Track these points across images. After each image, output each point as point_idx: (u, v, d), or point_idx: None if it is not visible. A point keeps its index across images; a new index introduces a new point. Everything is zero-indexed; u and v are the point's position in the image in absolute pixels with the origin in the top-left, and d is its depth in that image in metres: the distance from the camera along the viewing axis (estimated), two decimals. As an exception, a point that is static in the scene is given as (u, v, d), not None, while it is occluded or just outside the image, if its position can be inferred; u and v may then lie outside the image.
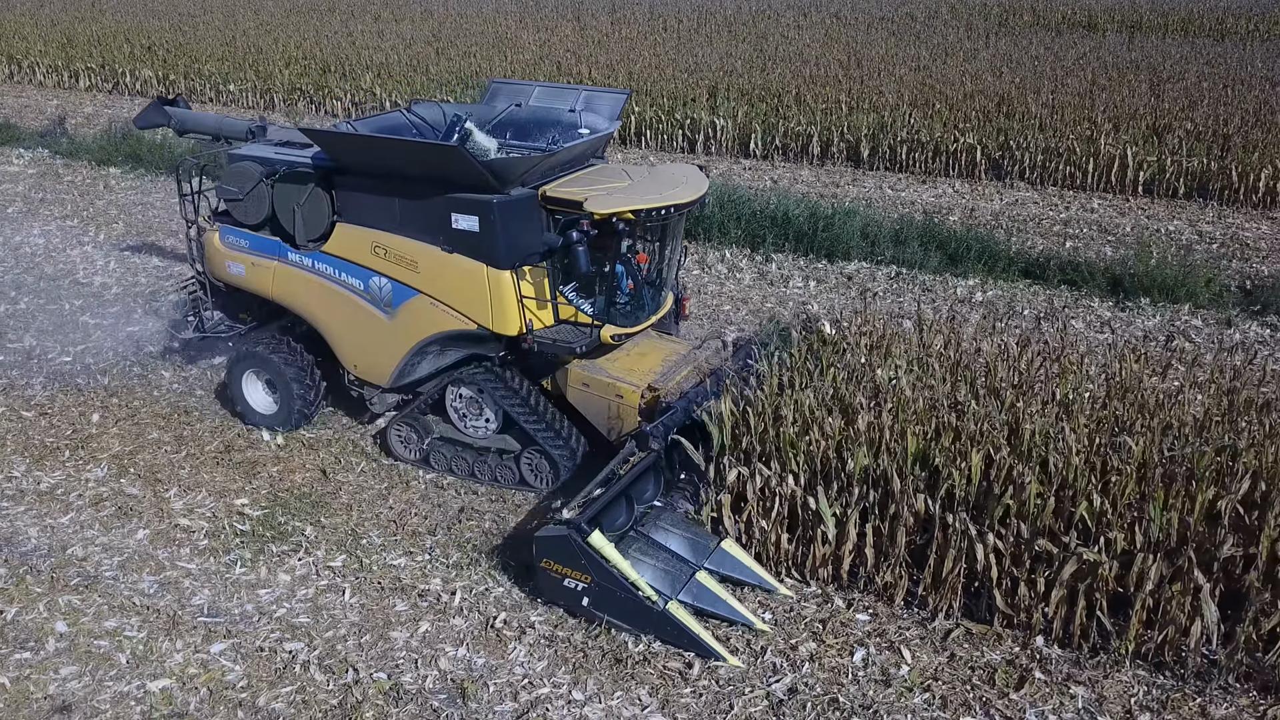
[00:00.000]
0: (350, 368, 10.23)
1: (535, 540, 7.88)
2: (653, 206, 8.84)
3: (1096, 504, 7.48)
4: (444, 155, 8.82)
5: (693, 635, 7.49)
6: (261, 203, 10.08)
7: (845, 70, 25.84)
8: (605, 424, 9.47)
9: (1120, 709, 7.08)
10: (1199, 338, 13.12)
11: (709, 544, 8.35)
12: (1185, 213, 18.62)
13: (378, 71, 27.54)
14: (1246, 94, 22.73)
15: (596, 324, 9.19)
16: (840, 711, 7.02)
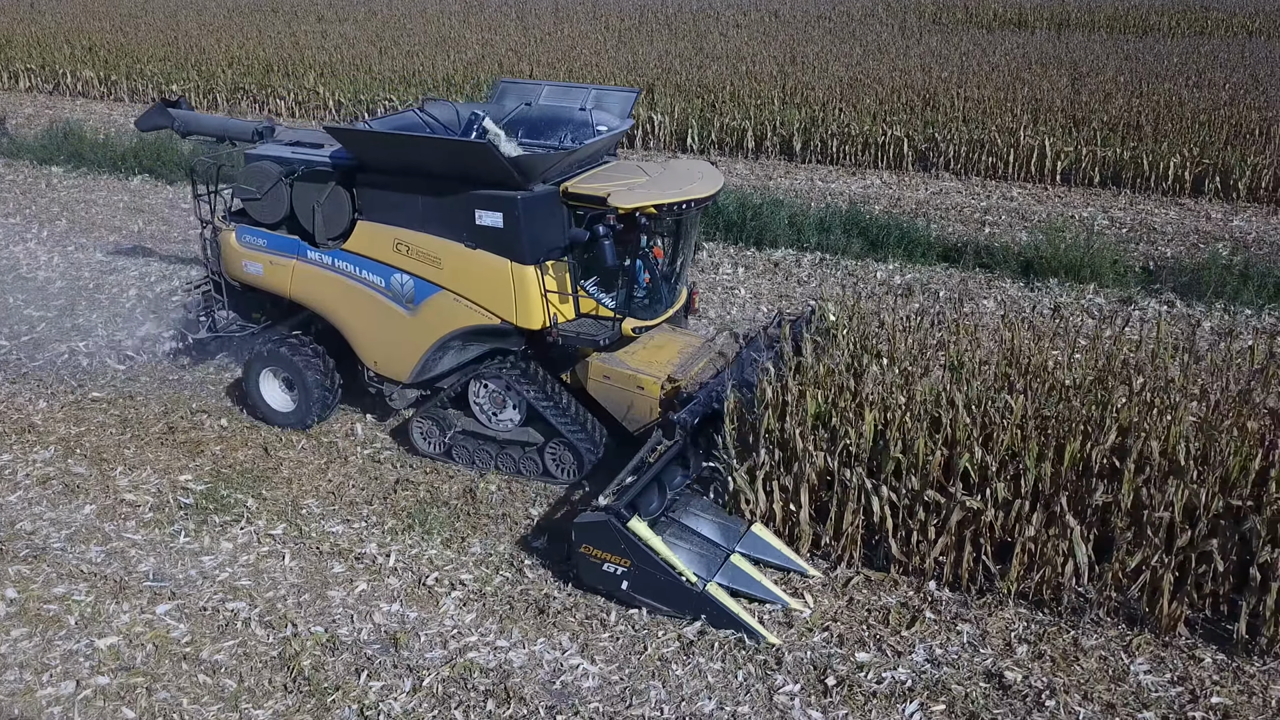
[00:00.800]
0: (370, 364, 10.32)
1: (574, 526, 8.06)
2: (674, 201, 9.06)
3: (979, 457, 8.16)
4: (473, 152, 9.04)
5: (732, 615, 7.73)
6: (280, 202, 10.16)
7: (780, 67, 26.54)
8: (626, 415, 9.68)
9: (1001, 642, 7.76)
10: (1099, 314, 13.92)
11: (739, 528, 8.61)
12: (1099, 200, 19.51)
13: (320, 71, 27.79)
14: (1160, 87, 23.73)
15: (618, 317, 9.42)
16: (745, 651, 7.62)
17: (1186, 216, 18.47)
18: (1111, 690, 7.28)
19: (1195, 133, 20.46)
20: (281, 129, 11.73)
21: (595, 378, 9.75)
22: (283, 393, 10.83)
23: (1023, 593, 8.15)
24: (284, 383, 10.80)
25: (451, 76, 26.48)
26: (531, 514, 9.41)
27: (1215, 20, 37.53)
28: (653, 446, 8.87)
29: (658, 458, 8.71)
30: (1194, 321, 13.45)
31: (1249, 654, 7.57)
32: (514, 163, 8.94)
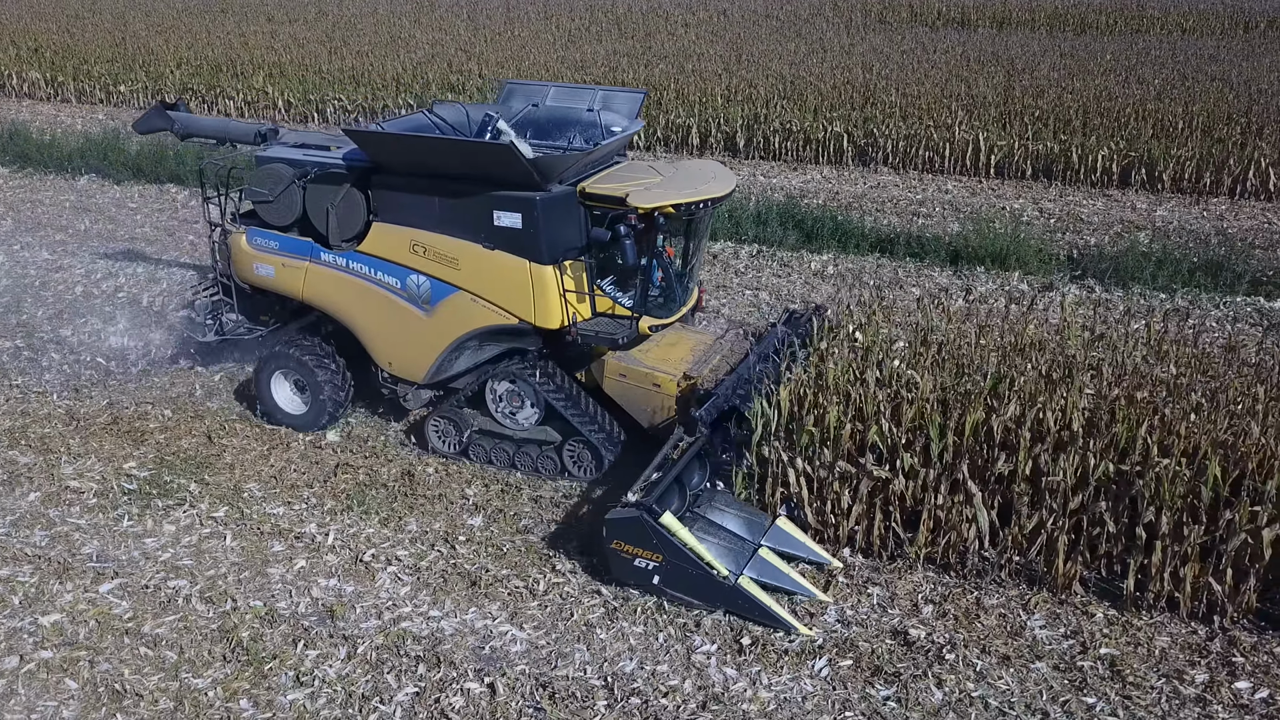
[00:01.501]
0: (384, 365, 10.37)
1: (606, 523, 8.13)
2: (691, 200, 9.20)
3: (889, 431, 8.62)
4: (494, 154, 9.11)
5: (764, 607, 7.85)
6: (293, 204, 10.19)
7: (725, 65, 27.01)
8: (643, 413, 9.78)
9: (908, 602, 8.22)
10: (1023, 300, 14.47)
11: (764, 522, 8.74)
12: (1031, 192, 20.16)
13: (269, 71, 27.89)
14: (1091, 83, 24.46)
15: (634, 316, 9.55)
16: (665, 615, 8.03)
17: (1113, 207, 19.14)
18: (1008, 644, 7.76)
19: (1122, 127, 21.18)
20: (285, 131, 11.72)
21: (611, 376, 9.83)
22: (294, 395, 10.81)
23: (930, 557, 8.62)
24: (295, 385, 10.79)
25: (400, 76, 26.72)
26: (467, 494, 9.75)
27: (1150, 18, 38.51)
28: (675, 443, 8.94)
29: (680, 454, 8.79)
30: (1095, 302, 14.00)
31: (1137, 608, 8.08)
32: (534, 164, 8.99)
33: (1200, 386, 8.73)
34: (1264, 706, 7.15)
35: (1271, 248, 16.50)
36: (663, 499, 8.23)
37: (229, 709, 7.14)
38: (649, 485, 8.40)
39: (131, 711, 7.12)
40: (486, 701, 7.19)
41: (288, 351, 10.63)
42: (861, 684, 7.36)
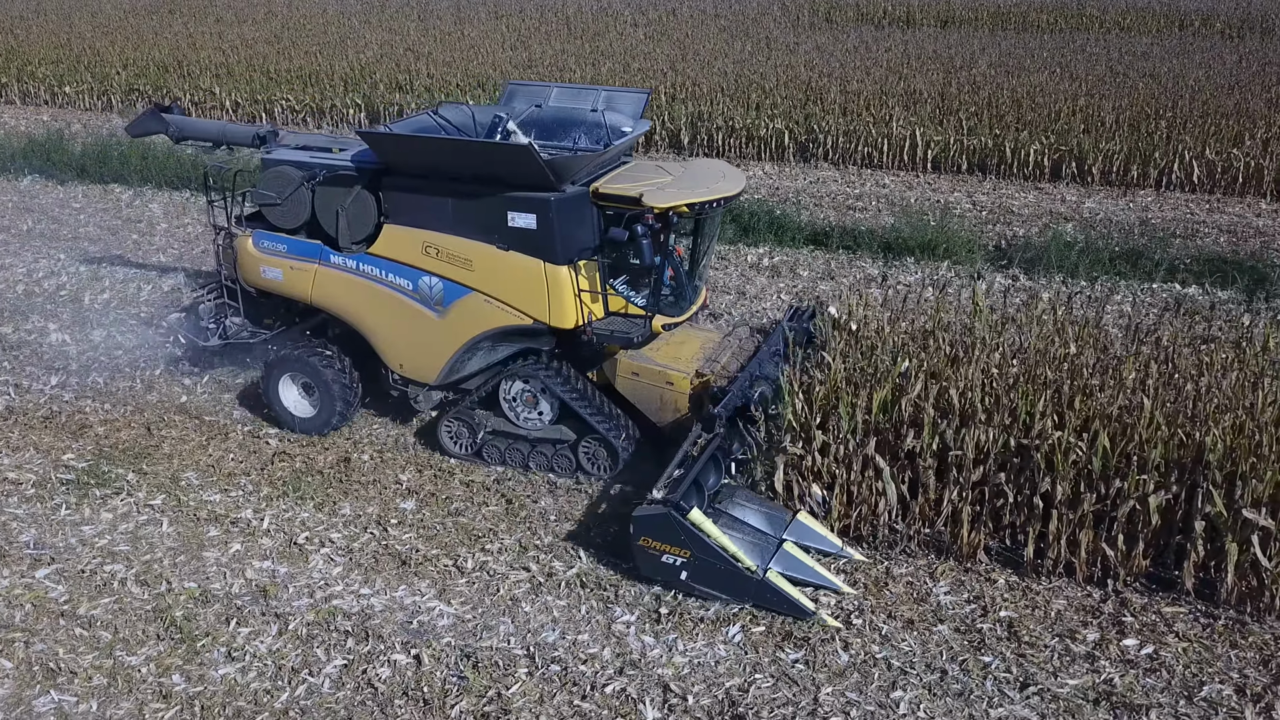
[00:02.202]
0: (395, 367, 10.35)
1: (633, 520, 8.20)
2: (705, 199, 9.29)
3: (801, 409, 9.01)
4: (512, 155, 9.16)
5: (792, 600, 7.98)
6: (301, 206, 10.18)
7: (671, 64, 27.39)
8: (656, 410, 9.89)
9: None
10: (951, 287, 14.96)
11: (784, 517, 8.83)
12: (966, 185, 20.70)
13: (216, 71, 27.91)
14: (1026, 79, 25.08)
15: (648, 314, 9.64)
16: (587, 588, 8.37)
17: (1043, 199, 19.72)
18: (914, 609, 8.17)
19: (1054, 122, 21.79)
20: (284, 133, 11.71)
21: (624, 375, 9.92)
22: (302, 398, 10.77)
23: (844, 530, 9.01)
24: (303, 388, 10.74)
25: (348, 76, 26.84)
26: (401, 479, 10.03)
27: (1090, 17, 39.33)
28: (694, 440, 9.04)
29: (700, 451, 8.89)
30: (1017, 290, 14.51)
31: (1036, 574, 8.53)
32: (549, 164, 9.03)
33: (1097, 365, 9.18)
34: (1148, 661, 7.60)
35: (1191, 237, 17.12)
36: (687, 495, 8.31)
37: (161, 684, 7.38)
38: (673, 482, 8.47)
39: (66, 688, 7.34)
40: (412, 671, 7.49)
41: (297, 354, 10.59)
42: (772, 648, 7.74)
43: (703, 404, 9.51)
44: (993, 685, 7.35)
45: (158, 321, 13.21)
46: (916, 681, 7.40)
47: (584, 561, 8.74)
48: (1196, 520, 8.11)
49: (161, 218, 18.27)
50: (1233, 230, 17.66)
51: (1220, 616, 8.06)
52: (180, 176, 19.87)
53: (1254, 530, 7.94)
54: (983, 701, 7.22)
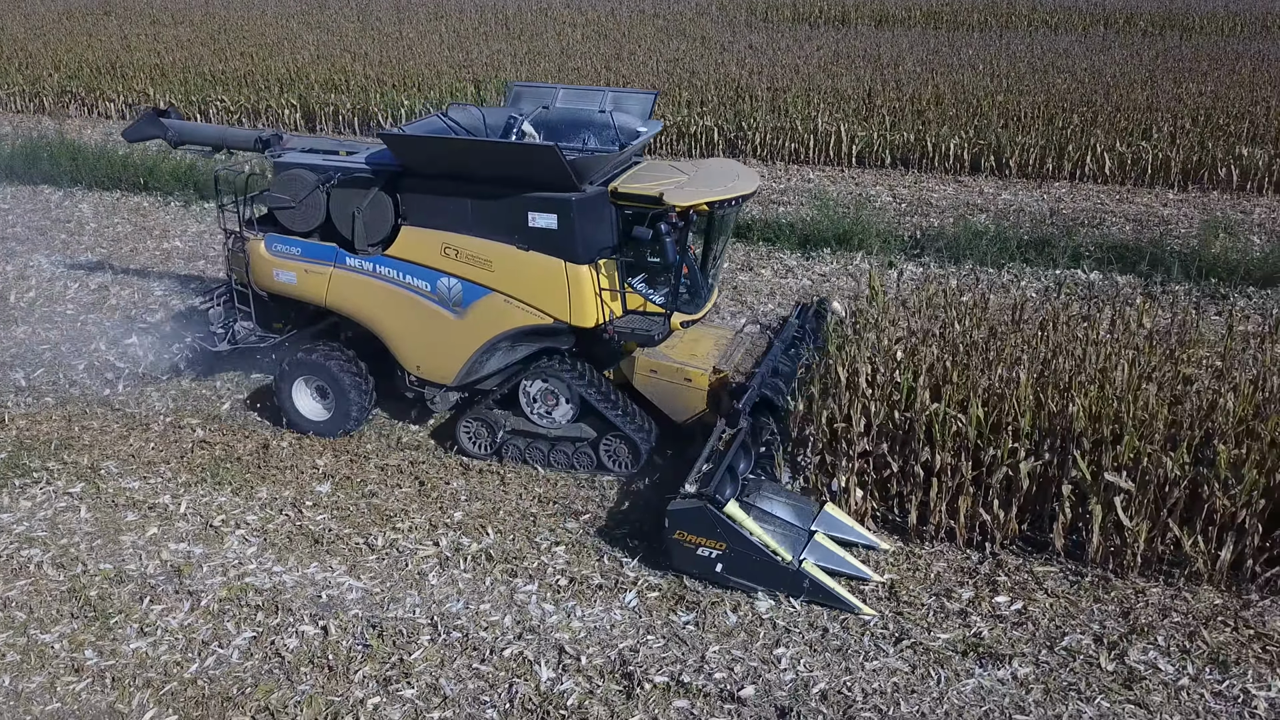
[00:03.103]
0: (412, 369, 10.38)
1: (669, 514, 8.31)
2: (724, 198, 9.41)
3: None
4: (536, 155, 9.21)
5: (828, 589, 8.13)
6: (316, 209, 10.17)
7: (606, 63, 27.79)
8: (675, 407, 10.01)
9: (718, 543, 9.04)
10: (862, 277, 15.51)
11: (812, 509, 9.01)
12: (888, 179, 21.30)
13: (151, 73, 27.87)
14: (950, 77, 25.77)
15: (667, 312, 9.76)
16: (493, 562, 8.75)
17: (962, 192, 20.36)
18: (802, 574, 8.63)
19: (972, 118, 22.48)
20: (289, 136, 11.68)
21: (642, 372, 10.04)
22: (315, 401, 10.79)
23: (742, 503, 9.45)
24: (317, 391, 10.76)
25: (284, 77, 26.93)
26: (318, 464, 10.33)
27: (1019, 15, 40.30)
28: (719, 435, 9.16)
29: (727, 445, 9.00)
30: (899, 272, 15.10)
31: (920, 539, 9.03)
32: (572, 165, 9.11)
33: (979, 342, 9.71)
34: (1017, 615, 8.12)
35: (1098, 225, 17.81)
36: (722, 488, 8.45)
37: (74, 659, 7.66)
38: (704, 476, 8.62)
39: (-21, 665, 7.60)
40: (319, 641, 7.83)
41: (312, 358, 10.59)
42: (665, 611, 8.16)
43: (720, 400, 9.74)
44: (869, 640, 7.83)
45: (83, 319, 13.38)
46: (799, 639, 7.85)
47: (491, 537, 9.11)
48: (1064, 485, 8.66)
49: (91, 218, 18.37)
50: (1138, 219, 18.37)
51: (1087, 574, 8.60)
52: (111, 177, 19.94)
53: (1116, 493, 8.49)
54: (859, 655, 7.69)
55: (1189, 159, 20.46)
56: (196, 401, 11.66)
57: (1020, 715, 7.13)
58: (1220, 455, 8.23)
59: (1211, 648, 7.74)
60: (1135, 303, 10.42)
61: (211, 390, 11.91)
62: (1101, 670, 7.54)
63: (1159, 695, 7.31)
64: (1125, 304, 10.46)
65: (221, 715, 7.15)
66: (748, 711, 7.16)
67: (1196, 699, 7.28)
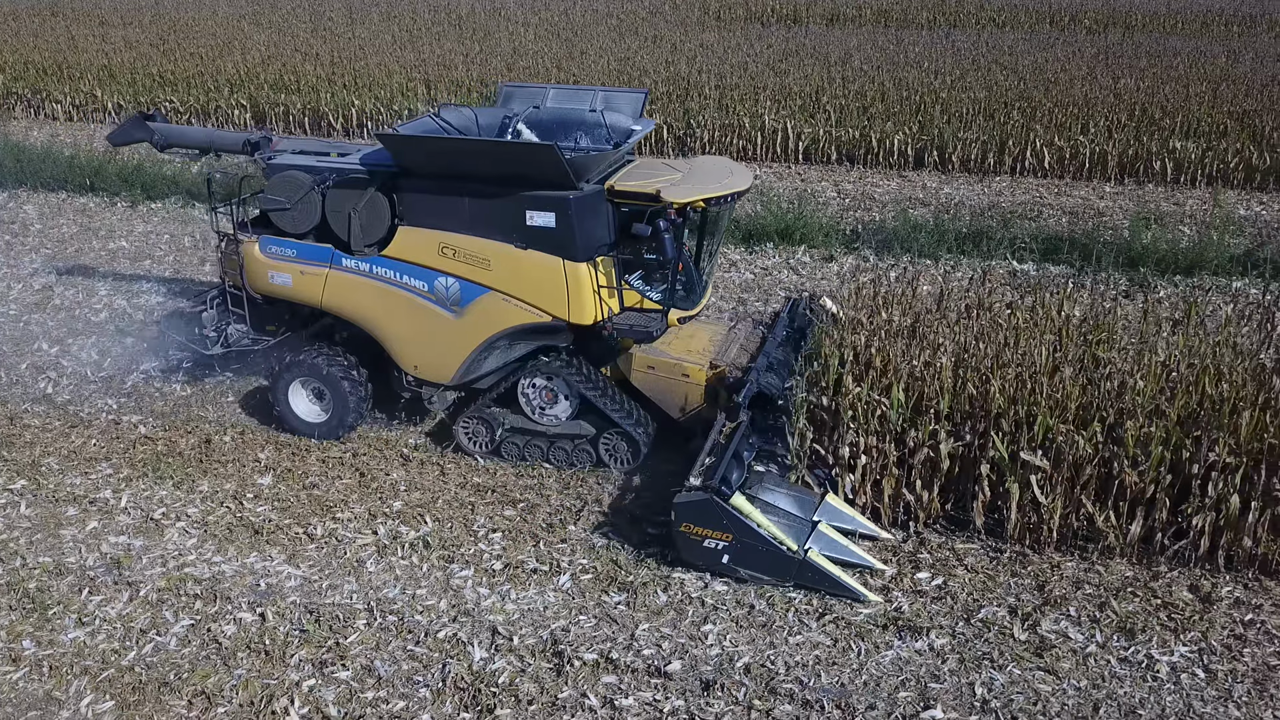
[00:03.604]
0: (410, 369, 10.38)
1: (675, 507, 8.37)
2: (721, 194, 9.54)
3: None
4: (536, 154, 9.30)
5: (834, 578, 8.24)
6: (311, 211, 10.16)
7: (556, 62, 27.98)
8: (672, 403, 10.09)
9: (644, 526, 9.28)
10: (803, 270, 15.85)
11: (814, 500, 9.08)
12: (834, 175, 21.66)
13: (99, 74, 27.71)
14: (895, 74, 26.20)
15: (664, 309, 9.86)
16: (430, 548, 8.93)
17: (905, 186, 20.75)
18: (732, 555, 8.88)
19: (916, 113, 22.90)
20: (278, 138, 11.66)
21: (639, 369, 10.11)
22: (312, 403, 10.77)
23: (676, 488, 9.70)
24: (313, 393, 10.74)
25: (234, 77, 26.87)
26: (260, 457, 10.46)
27: (966, 14, 40.94)
28: (719, 429, 9.30)
29: (727, 437, 9.13)
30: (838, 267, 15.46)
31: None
32: (570, 163, 9.20)
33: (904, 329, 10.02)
34: (937, 590, 8.43)
35: (1035, 218, 18.24)
36: (728, 480, 8.52)
37: (12, 649, 7.76)
38: (708, 469, 8.72)
39: (-83, 658, 7.68)
40: (256, 627, 7.98)
41: (310, 360, 10.56)
42: (598, 593, 8.39)
43: (718, 395, 9.88)
44: (794, 616, 8.10)
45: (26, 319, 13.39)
46: (726, 616, 8.11)
47: (429, 525, 9.30)
48: (983, 465, 8.98)
49: (36, 219, 18.30)
50: (1075, 211, 18.85)
51: (1005, 550, 8.93)
52: (56, 178, 19.86)
53: (1032, 471, 8.82)
54: (784, 630, 7.96)
55: (1125, 153, 21.00)
56: (140, 399, 11.73)
57: (935, 684, 7.42)
58: (1129, 433, 8.59)
59: (1120, 617, 8.08)
60: (1055, 290, 10.76)
61: (155, 388, 11.98)
62: (1015, 640, 7.86)
63: (1068, 662, 7.63)
64: (1046, 291, 10.78)
65: (158, 700, 7.29)
66: (673, 685, 7.40)
67: (1103, 664, 7.61)
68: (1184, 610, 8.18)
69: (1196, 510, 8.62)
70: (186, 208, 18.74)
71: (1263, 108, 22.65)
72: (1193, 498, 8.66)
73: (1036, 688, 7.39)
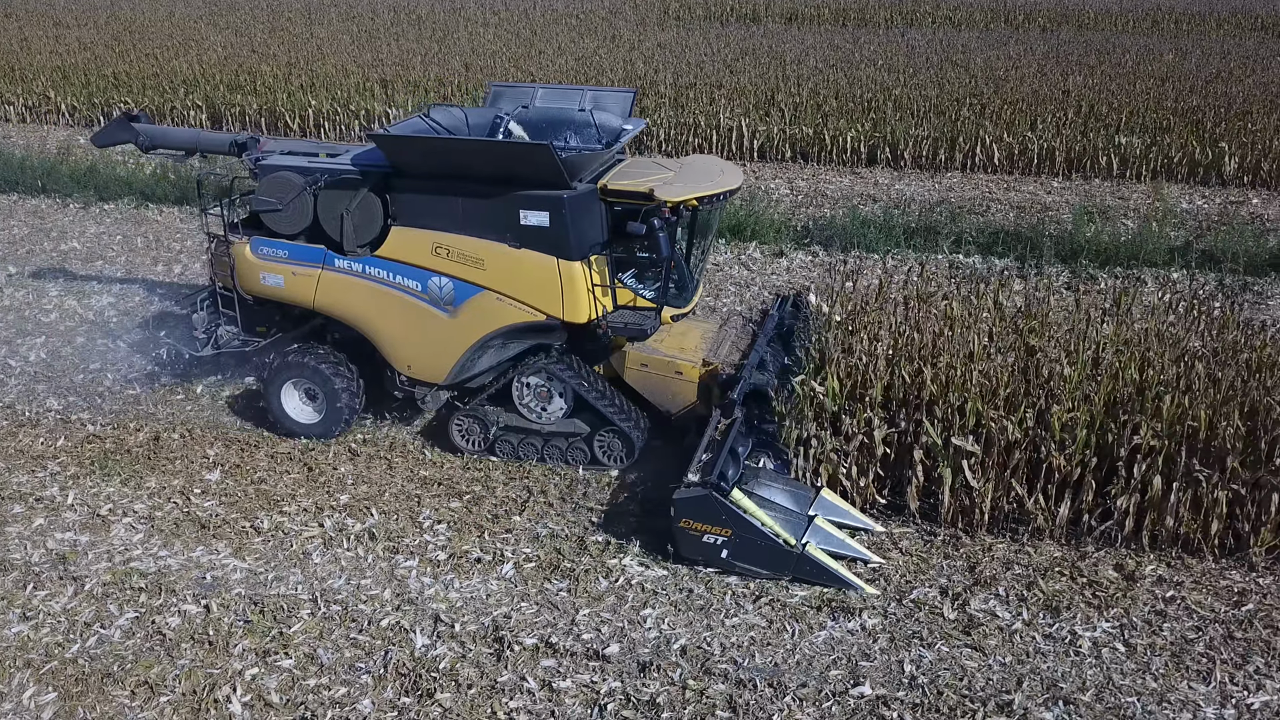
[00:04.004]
0: (403, 369, 10.39)
1: (674, 503, 8.46)
2: (713, 193, 9.63)
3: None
4: (531, 154, 9.33)
5: (832, 571, 8.36)
6: (304, 212, 10.12)
7: (514, 61, 28.10)
8: (665, 400, 10.18)
9: (600, 515, 9.45)
10: (754, 265, 16.09)
11: (808, 494, 9.21)
12: (788, 172, 21.92)
13: (52, 75, 27.51)
14: (850, 72, 26.53)
15: (657, 306, 9.90)
16: (375, 540, 9.06)
17: (857, 183, 21.06)
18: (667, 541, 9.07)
19: (867, 111, 23.22)
20: (266, 140, 11.60)
21: (633, 366, 10.19)
22: (304, 404, 10.74)
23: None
24: (305, 394, 10.71)
25: (189, 78, 26.76)
26: (209, 454, 10.53)
27: (923, 13, 41.43)
28: (715, 425, 9.38)
29: (723, 434, 9.22)
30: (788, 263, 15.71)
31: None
32: (565, 163, 9.23)
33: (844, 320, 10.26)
34: (871, 573, 8.64)
35: (983, 213, 18.58)
36: (724, 476, 8.63)
37: (-46, 645, 7.82)
38: (706, 465, 8.80)
39: None
40: (201, 619, 8.07)
41: (302, 360, 10.56)
42: (540, 581, 8.55)
43: (711, 392, 9.98)
44: (731, 599, 8.30)
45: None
46: (665, 600, 8.30)
47: (375, 517, 9.42)
48: (917, 450, 9.22)
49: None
50: (1022, 206, 19.22)
51: (939, 534, 9.17)
52: (8, 179, 19.74)
53: (964, 456, 9.07)
54: (721, 613, 8.16)
55: (1072, 149, 21.42)
56: (89, 398, 11.75)
57: (865, 662, 7.64)
58: (1055, 418, 8.87)
59: (1047, 595, 8.34)
60: (991, 281, 11.04)
61: (105, 387, 12.01)
62: (944, 619, 8.10)
63: (995, 639, 7.88)
64: (981, 282, 11.07)
65: (100, 691, 7.37)
66: (611, 667, 7.57)
67: (1028, 640, 7.87)
68: (1108, 588, 8.46)
69: (1121, 492, 8.91)
70: (140, 208, 18.72)
71: (1206, 104, 23.20)
72: (1118, 480, 8.95)
73: (963, 664, 7.62)
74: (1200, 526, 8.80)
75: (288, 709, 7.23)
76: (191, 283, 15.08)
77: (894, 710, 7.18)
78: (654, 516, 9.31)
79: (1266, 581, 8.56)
